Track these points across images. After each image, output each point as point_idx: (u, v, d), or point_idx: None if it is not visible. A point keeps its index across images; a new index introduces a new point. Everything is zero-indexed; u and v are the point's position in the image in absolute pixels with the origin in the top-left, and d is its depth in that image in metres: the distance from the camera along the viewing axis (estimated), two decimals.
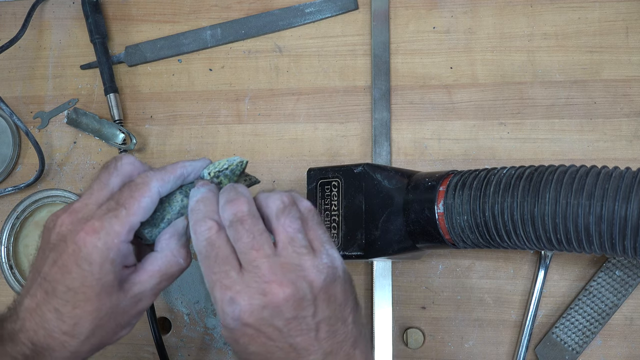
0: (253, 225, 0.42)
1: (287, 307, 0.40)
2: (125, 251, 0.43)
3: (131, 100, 0.76)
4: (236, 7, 0.75)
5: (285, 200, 0.43)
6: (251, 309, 0.40)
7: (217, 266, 0.41)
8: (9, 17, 0.80)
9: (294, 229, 0.42)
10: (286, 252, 0.41)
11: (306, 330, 0.40)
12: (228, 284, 0.41)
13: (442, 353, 0.66)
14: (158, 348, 0.69)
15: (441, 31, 0.70)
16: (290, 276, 0.40)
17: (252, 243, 0.41)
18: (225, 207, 0.43)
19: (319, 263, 0.41)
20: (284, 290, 0.40)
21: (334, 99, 0.71)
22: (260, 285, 0.40)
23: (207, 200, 0.44)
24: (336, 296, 0.42)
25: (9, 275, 0.72)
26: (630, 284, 0.62)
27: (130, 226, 0.43)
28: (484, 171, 0.53)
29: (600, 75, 0.67)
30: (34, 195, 0.72)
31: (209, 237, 0.42)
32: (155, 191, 0.44)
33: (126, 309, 0.44)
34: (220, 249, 0.42)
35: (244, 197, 0.43)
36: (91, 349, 0.44)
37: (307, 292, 0.40)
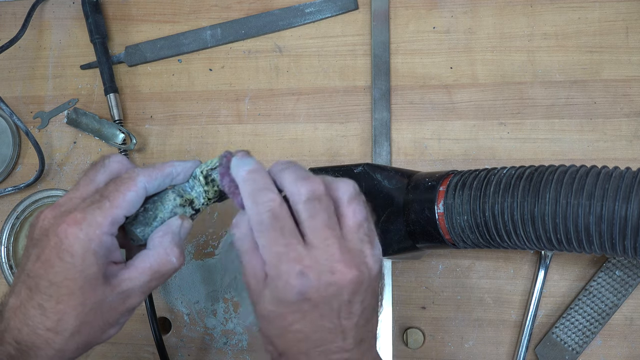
0: (329, 205, 0.42)
1: (347, 289, 0.40)
2: (109, 244, 0.43)
3: (131, 100, 0.76)
4: (236, 7, 0.75)
5: (356, 188, 0.43)
6: (319, 284, 0.40)
7: (283, 238, 0.40)
8: (9, 17, 0.80)
9: (362, 216, 0.42)
10: (353, 237, 0.41)
11: (353, 315, 0.41)
12: (296, 257, 0.40)
13: (442, 353, 0.66)
14: (158, 348, 0.69)
15: (441, 31, 0.70)
16: (357, 260, 0.41)
17: (328, 222, 0.41)
18: (299, 183, 0.42)
19: (375, 253, 0.42)
20: (351, 271, 0.40)
21: (334, 99, 0.71)
22: (331, 264, 0.40)
23: (262, 172, 0.43)
24: (376, 288, 0.43)
25: (9, 276, 0.72)
26: (630, 284, 0.62)
27: (113, 218, 0.42)
28: (484, 171, 0.53)
29: (600, 75, 0.67)
30: (34, 195, 0.72)
31: (273, 209, 0.41)
32: (141, 186, 0.44)
33: (113, 305, 0.43)
34: (287, 221, 0.41)
35: (317, 177, 0.43)
36: (77, 347, 0.43)
37: (366, 277, 0.41)
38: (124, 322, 0.46)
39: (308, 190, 0.41)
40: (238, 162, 0.44)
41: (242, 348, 0.71)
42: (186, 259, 0.72)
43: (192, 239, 0.72)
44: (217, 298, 0.71)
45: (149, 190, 0.45)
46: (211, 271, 0.72)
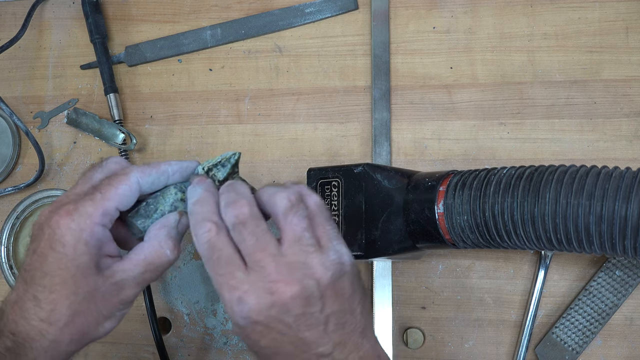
0: (255, 226, 0.42)
1: (294, 304, 0.40)
2: (101, 235, 0.43)
3: (131, 100, 0.76)
4: (236, 7, 0.75)
5: (292, 199, 0.43)
6: (259, 307, 0.40)
7: (221, 268, 0.42)
8: (9, 17, 0.80)
9: (301, 227, 0.42)
10: (292, 251, 0.41)
11: (315, 325, 0.41)
12: (235, 284, 0.41)
13: (442, 353, 0.66)
14: (158, 348, 0.69)
15: (441, 31, 0.70)
16: (297, 275, 0.41)
17: (256, 245, 0.41)
18: (226, 210, 0.43)
19: (326, 260, 0.42)
20: (290, 288, 0.40)
21: (334, 99, 0.71)
22: (267, 285, 0.40)
23: (204, 201, 0.44)
24: (344, 290, 0.42)
25: (9, 275, 0.72)
26: (630, 284, 0.62)
27: (104, 209, 0.43)
28: (484, 171, 0.53)
29: (600, 75, 0.67)
30: (34, 195, 0.72)
31: (210, 240, 0.42)
32: (134, 180, 0.45)
33: (107, 295, 0.44)
34: (223, 251, 0.42)
35: (244, 198, 0.43)
36: (71, 338, 0.43)
37: (314, 289, 0.41)
38: (120, 317, 0.45)
39: (231, 216, 0.42)
40: (190, 192, 0.45)
41: (242, 348, 0.71)
42: (186, 259, 0.72)
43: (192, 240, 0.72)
44: (217, 298, 0.71)
45: (143, 186, 0.46)
46: None
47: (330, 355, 0.42)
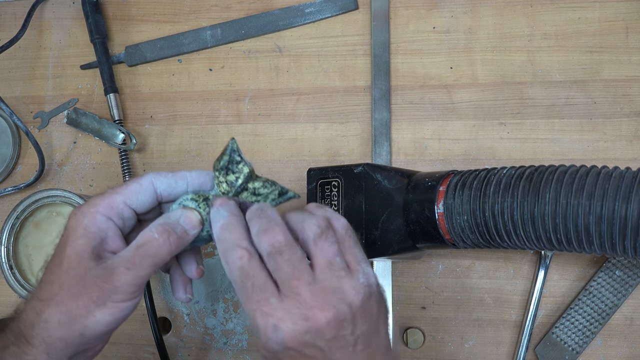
0: (292, 254, 0.42)
1: (328, 329, 0.41)
2: (103, 226, 0.45)
3: (131, 100, 0.76)
4: (236, 7, 0.75)
5: (322, 225, 0.43)
6: (294, 334, 0.41)
7: (255, 295, 0.42)
8: (9, 17, 0.80)
9: (332, 253, 0.43)
10: (325, 277, 0.42)
11: (345, 347, 0.41)
12: (269, 310, 0.41)
13: (442, 353, 0.66)
14: (158, 348, 0.69)
15: (441, 31, 0.70)
16: (331, 300, 0.41)
17: (293, 273, 0.42)
18: (260, 238, 0.43)
19: (357, 284, 0.42)
20: (325, 315, 0.41)
21: (334, 99, 0.71)
22: (303, 311, 0.41)
23: (232, 227, 0.44)
24: (372, 311, 0.43)
25: (9, 275, 0.72)
26: (630, 284, 0.62)
27: (110, 201, 0.45)
28: (484, 171, 0.53)
29: (600, 75, 0.67)
30: (34, 195, 0.72)
31: (242, 267, 0.42)
32: (147, 180, 0.46)
33: (97, 280, 0.43)
34: (256, 278, 0.42)
35: (278, 225, 0.43)
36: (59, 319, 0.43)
37: (346, 313, 0.41)
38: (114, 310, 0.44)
39: (267, 245, 0.42)
40: (214, 215, 0.45)
41: (242, 348, 0.71)
42: None
43: None
44: (217, 298, 0.72)
45: (159, 187, 0.47)
46: (211, 271, 0.72)
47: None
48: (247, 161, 0.47)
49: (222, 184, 0.47)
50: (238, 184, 0.47)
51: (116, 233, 0.46)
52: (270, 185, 0.48)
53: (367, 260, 0.45)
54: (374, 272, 0.45)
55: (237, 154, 0.47)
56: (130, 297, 0.44)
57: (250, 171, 0.47)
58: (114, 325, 0.45)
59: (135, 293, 0.44)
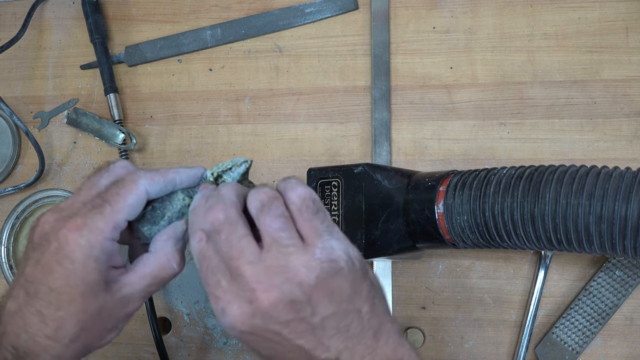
0: (230, 232, 0.40)
1: (277, 312, 0.38)
2: (110, 249, 0.42)
3: (131, 100, 0.76)
4: (236, 7, 0.75)
5: (263, 198, 0.40)
6: (242, 318, 0.39)
7: (209, 277, 0.40)
8: (9, 17, 0.80)
9: (276, 227, 0.39)
10: (270, 254, 0.39)
11: (308, 331, 0.38)
12: (219, 294, 0.39)
13: (442, 353, 0.66)
14: (158, 348, 0.69)
15: (441, 31, 0.70)
16: (275, 280, 0.38)
17: (231, 252, 0.39)
18: (204, 217, 0.41)
19: (310, 260, 0.38)
20: (268, 295, 0.38)
21: (334, 99, 0.71)
22: (246, 294, 0.38)
23: (197, 209, 0.42)
24: (341, 289, 0.39)
25: (9, 276, 0.72)
26: (630, 284, 0.62)
27: (114, 223, 0.41)
28: (484, 171, 0.53)
29: (600, 75, 0.67)
30: (34, 195, 0.72)
31: (200, 249, 0.41)
32: (142, 189, 0.43)
33: (113, 311, 0.43)
34: (211, 260, 0.40)
35: (222, 202, 0.41)
36: (75, 354, 0.42)
37: (297, 293, 0.38)
38: (122, 328, 0.45)
39: (208, 223, 0.40)
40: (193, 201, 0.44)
41: (242, 348, 0.71)
42: (186, 259, 0.72)
43: None
44: None
45: (151, 194, 0.44)
46: None
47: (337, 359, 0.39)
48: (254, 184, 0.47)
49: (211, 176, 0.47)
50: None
51: (117, 249, 0.43)
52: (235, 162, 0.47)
53: (335, 233, 0.40)
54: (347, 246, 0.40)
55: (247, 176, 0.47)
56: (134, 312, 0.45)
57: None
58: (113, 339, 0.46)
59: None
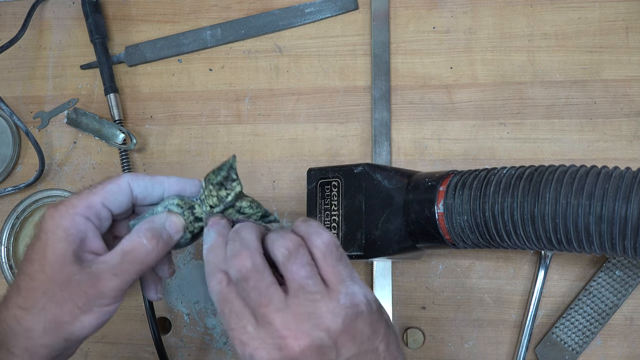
0: (258, 280, 0.40)
1: (306, 357, 0.39)
2: (83, 227, 0.43)
3: (131, 100, 0.76)
4: (236, 7, 0.75)
5: (290, 246, 0.41)
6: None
7: (232, 321, 0.41)
8: (9, 17, 0.80)
9: (303, 275, 0.40)
10: (298, 301, 0.40)
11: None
12: (245, 339, 0.40)
13: (442, 353, 0.66)
14: (158, 348, 0.69)
15: (441, 31, 0.70)
16: (304, 327, 0.39)
17: (260, 300, 0.40)
18: (230, 263, 0.41)
19: (336, 306, 0.40)
20: (299, 343, 0.39)
21: (334, 99, 0.71)
22: (276, 341, 0.39)
23: (216, 249, 0.43)
24: (362, 332, 0.41)
25: (9, 276, 0.72)
26: (630, 284, 0.62)
27: (88, 201, 0.44)
28: (484, 171, 0.53)
29: (600, 75, 0.67)
30: (34, 195, 0.72)
31: (221, 292, 0.41)
32: (124, 181, 0.45)
33: (82, 285, 0.42)
34: (233, 304, 0.41)
35: (247, 248, 0.41)
36: (44, 327, 0.42)
37: (325, 338, 0.39)
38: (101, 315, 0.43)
39: (235, 271, 0.41)
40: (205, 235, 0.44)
41: None
42: (186, 259, 0.72)
43: None
44: None
45: (135, 189, 0.46)
46: None
47: None
48: (240, 180, 0.47)
49: (212, 197, 0.46)
50: (228, 201, 0.46)
51: (95, 233, 0.45)
52: (256, 207, 0.48)
53: (354, 277, 0.42)
54: (365, 288, 0.42)
55: (234, 172, 0.47)
56: (115, 300, 0.44)
57: (241, 190, 0.47)
58: (97, 328, 0.44)
59: (119, 297, 0.44)
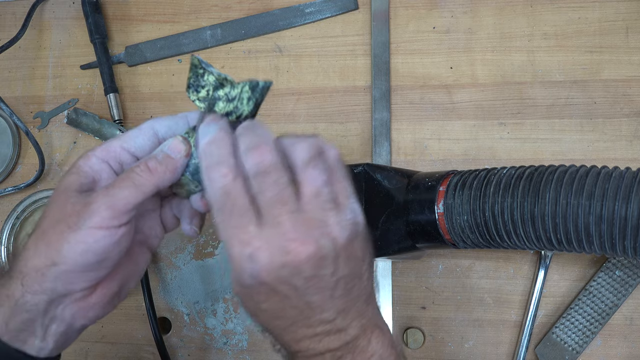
0: (279, 177, 0.38)
1: (307, 266, 0.37)
2: (96, 166, 0.43)
3: (131, 100, 0.76)
4: (236, 7, 0.75)
5: (313, 150, 0.40)
6: (271, 267, 0.37)
7: (234, 219, 0.38)
8: (9, 17, 0.80)
9: (321, 182, 0.39)
10: (310, 207, 0.38)
11: (324, 289, 0.39)
12: (247, 239, 0.38)
13: (442, 353, 0.66)
14: (159, 348, 0.69)
15: (441, 31, 0.70)
16: (314, 233, 0.37)
17: (278, 197, 0.38)
18: (247, 155, 0.39)
19: (343, 219, 0.39)
20: (306, 248, 0.37)
21: (334, 99, 0.71)
22: (282, 243, 0.37)
23: (220, 142, 0.40)
24: (356, 253, 0.40)
25: None
26: (630, 284, 0.62)
27: (106, 145, 0.43)
28: (484, 171, 0.53)
29: (600, 75, 0.67)
30: (34, 195, 0.72)
31: (225, 186, 0.39)
32: (147, 125, 0.44)
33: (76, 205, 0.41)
34: (237, 199, 0.38)
35: (268, 143, 0.39)
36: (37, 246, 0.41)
37: (329, 250, 0.38)
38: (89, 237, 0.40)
39: (253, 163, 0.39)
40: (202, 131, 0.41)
41: (242, 348, 0.71)
42: (186, 259, 0.72)
43: (192, 239, 0.72)
44: (217, 298, 0.72)
45: (160, 131, 0.44)
46: (211, 271, 0.72)
47: (333, 321, 0.39)
48: (212, 70, 0.44)
49: (198, 103, 0.44)
50: (210, 96, 0.43)
51: (110, 175, 0.43)
52: (239, 85, 0.43)
53: (356, 197, 0.41)
54: (362, 211, 0.41)
55: (200, 68, 0.44)
56: (107, 224, 0.40)
57: (216, 78, 0.43)
58: (88, 258, 0.41)
59: (112, 221, 0.40)
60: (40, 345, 0.42)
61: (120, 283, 0.45)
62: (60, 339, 0.43)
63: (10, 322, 0.41)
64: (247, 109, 0.43)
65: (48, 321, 0.42)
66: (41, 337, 0.42)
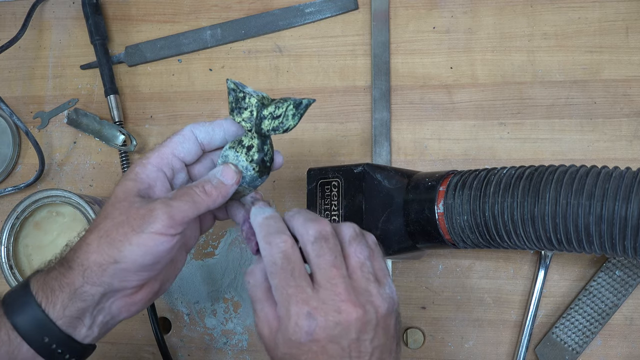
0: (335, 245, 0.44)
1: (355, 328, 0.42)
2: (153, 175, 0.47)
3: (131, 100, 0.76)
4: (236, 7, 0.75)
5: (357, 229, 0.46)
6: (326, 324, 0.41)
7: (293, 280, 0.43)
8: (9, 17, 0.80)
9: (364, 256, 0.44)
10: (356, 276, 0.43)
11: (363, 353, 0.42)
12: (305, 298, 0.42)
13: (442, 353, 0.66)
14: (160, 348, 0.69)
15: (441, 31, 0.70)
16: (362, 299, 0.42)
17: (335, 261, 0.43)
18: (308, 225, 0.44)
19: (384, 292, 0.44)
20: (357, 310, 0.42)
21: (334, 99, 0.71)
22: (337, 303, 0.42)
23: (276, 218, 0.46)
24: (390, 327, 0.44)
25: (9, 275, 0.72)
26: (630, 284, 0.62)
27: (159, 152, 0.48)
28: (484, 171, 0.53)
29: (600, 75, 0.67)
30: (34, 195, 0.72)
31: (286, 251, 0.43)
32: (187, 130, 0.49)
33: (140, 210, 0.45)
34: (297, 264, 0.43)
35: (324, 219, 0.45)
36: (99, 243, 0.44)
37: (372, 316, 0.42)
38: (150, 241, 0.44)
39: (315, 230, 0.44)
40: (256, 211, 0.47)
41: (242, 348, 0.71)
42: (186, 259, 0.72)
43: None
44: (217, 298, 0.71)
45: (199, 135, 0.49)
46: (211, 271, 0.72)
47: None
48: (252, 92, 0.48)
49: (243, 124, 0.48)
50: (254, 117, 0.48)
51: (164, 183, 0.48)
52: (283, 103, 0.47)
53: (390, 277, 0.46)
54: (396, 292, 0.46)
55: (239, 91, 0.48)
56: (165, 231, 0.44)
57: (258, 99, 0.48)
58: (146, 260, 0.44)
59: (170, 229, 0.44)
60: (86, 333, 0.47)
61: (161, 282, 0.50)
62: (103, 328, 0.48)
63: (67, 309, 0.45)
64: (293, 123, 0.48)
65: (97, 312, 0.46)
66: (89, 325, 0.46)
